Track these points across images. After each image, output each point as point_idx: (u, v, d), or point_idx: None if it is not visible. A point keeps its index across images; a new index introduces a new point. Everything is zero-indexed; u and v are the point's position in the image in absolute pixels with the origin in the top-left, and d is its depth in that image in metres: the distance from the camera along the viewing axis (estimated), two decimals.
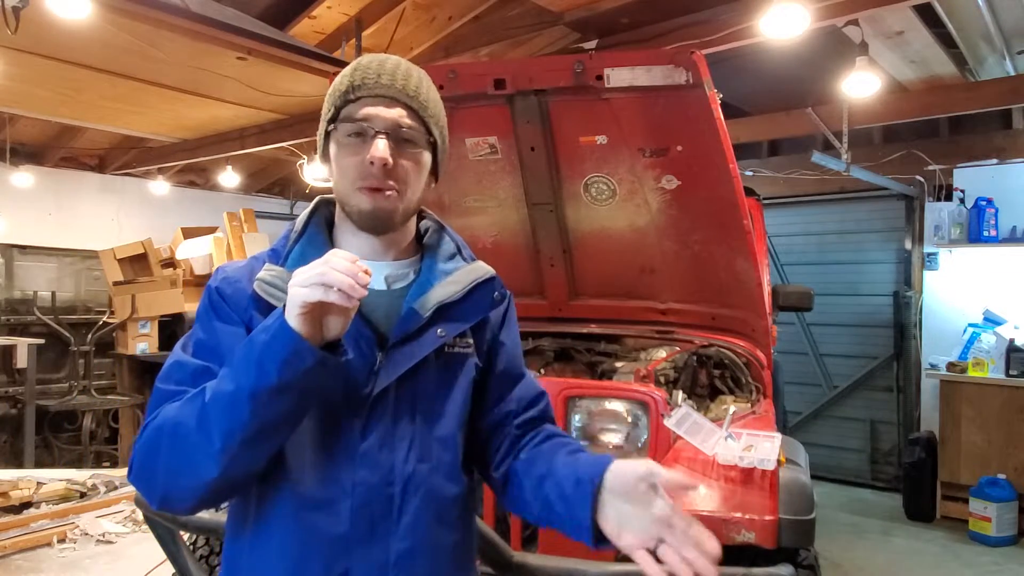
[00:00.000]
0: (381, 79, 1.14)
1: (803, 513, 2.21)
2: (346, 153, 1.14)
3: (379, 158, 1.10)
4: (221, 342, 1.11)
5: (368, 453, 1.10)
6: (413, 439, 1.13)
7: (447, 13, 4.52)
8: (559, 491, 1.12)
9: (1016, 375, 4.98)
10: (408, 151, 1.14)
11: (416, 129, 1.15)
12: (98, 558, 4.18)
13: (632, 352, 3.25)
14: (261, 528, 1.11)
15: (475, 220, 3.29)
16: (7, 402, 6.32)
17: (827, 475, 6.23)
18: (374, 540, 1.09)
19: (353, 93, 1.14)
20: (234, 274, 1.18)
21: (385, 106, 1.13)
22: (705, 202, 2.83)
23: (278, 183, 8.94)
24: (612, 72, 2.52)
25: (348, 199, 1.15)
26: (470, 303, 1.21)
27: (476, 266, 1.25)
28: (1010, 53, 4.84)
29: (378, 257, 1.20)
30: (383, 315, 1.17)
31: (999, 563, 4.52)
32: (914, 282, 5.92)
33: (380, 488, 1.10)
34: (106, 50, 4.07)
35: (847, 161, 5.15)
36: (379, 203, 1.13)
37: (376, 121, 1.12)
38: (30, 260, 6.97)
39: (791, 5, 3.40)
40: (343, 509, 1.08)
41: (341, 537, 1.08)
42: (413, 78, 1.17)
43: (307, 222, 1.21)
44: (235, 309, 1.14)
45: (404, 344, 1.14)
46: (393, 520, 1.10)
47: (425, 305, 1.16)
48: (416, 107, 1.15)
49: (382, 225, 1.16)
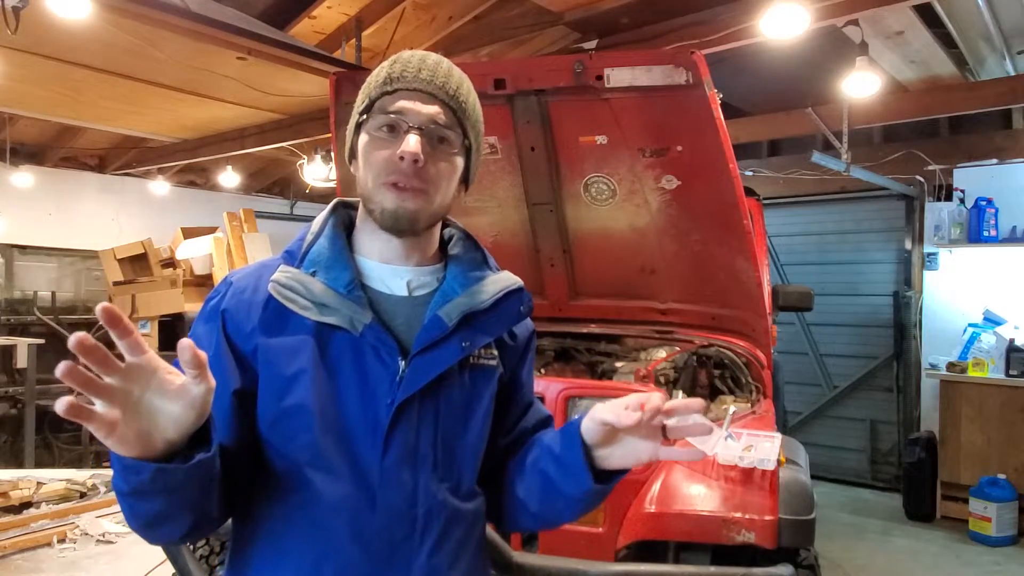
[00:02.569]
0: (421, 73, 1.08)
1: (803, 513, 2.21)
2: (376, 147, 1.07)
3: (410, 153, 1.04)
4: None
5: (390, 470, 1.04)
6: (437, 457, 1.08)
7: (447, 13, 4.52)
8: (552, 457, 1.11)
9: (1016, 375, 4.98)
10: (441, 151, 1.08)
11: (452, 129, 1.09)
12: (98, 558, 4.18)
13: (632, 352, 3.25)
14: (273, 545, 1.06)
15: (475, 220, 3.28)
16: (7, 402, 6.31)
17: (827, 475, 6.23)
18: (395, 562, 1.05)
19: (390, 85, 1.08)
20: (242, 283, 1.11)
21: (422, 101, 1.07)
22: (705, 202, 2.83)
23: (278, 183, 8.94)
24: (612, 72, 2.52)
25: (372, 195, 1.08)
26: (497, 314, 1.15)
27: (503, 275, 1.19)
28: (1010, 53, 4.83)
29: (400, 262, 1.14)
30: (404, 322, 1.10)
31: (999, 563, 4.52)
32: (914, 282, 5.92)
33: (403, 511, 1.05)
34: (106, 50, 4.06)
35: (847, 161, 5.14)
36: (404, 202, 1.06)
37: (410, 115, 1.06)
38: (30, 260, 6.97)
39: (791, 5, 3.40)
40: (365, 530, 1.03)
41: (361, 559, 1.04)
42: (455, 77, 1.11)
43: (325, 223, 1.15)
44: (234, 329, 1.08)
45: (427, 353, 1.08)
46: (416, 543, 1.06)
47: (451, 314, 1.10)
48: (455, 107, 1.09)
49: (404, 226, 1.08)
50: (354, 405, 1.05)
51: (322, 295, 1.07)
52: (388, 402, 1.05)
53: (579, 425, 1.07)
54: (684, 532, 2.27)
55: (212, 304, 1.11)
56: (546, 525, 1.23)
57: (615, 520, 2.37)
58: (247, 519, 1.08)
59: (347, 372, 1.06)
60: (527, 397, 1.26)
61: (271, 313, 1.07)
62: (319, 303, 1.06)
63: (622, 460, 1.05)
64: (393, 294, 1.13)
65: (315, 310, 1.06)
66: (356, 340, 1.06)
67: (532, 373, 1.29)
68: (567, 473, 1.08)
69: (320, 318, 1.06)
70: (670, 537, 2.31)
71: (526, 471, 1.16)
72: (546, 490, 1.13)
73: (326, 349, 1.06)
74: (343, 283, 1.08)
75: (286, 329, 1.06)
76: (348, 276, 1.09)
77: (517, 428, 1.23)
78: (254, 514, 1.07)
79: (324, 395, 1.04)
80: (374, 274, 1.13)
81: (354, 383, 1.05)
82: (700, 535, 2.25)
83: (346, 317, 1.06)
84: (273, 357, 1.05)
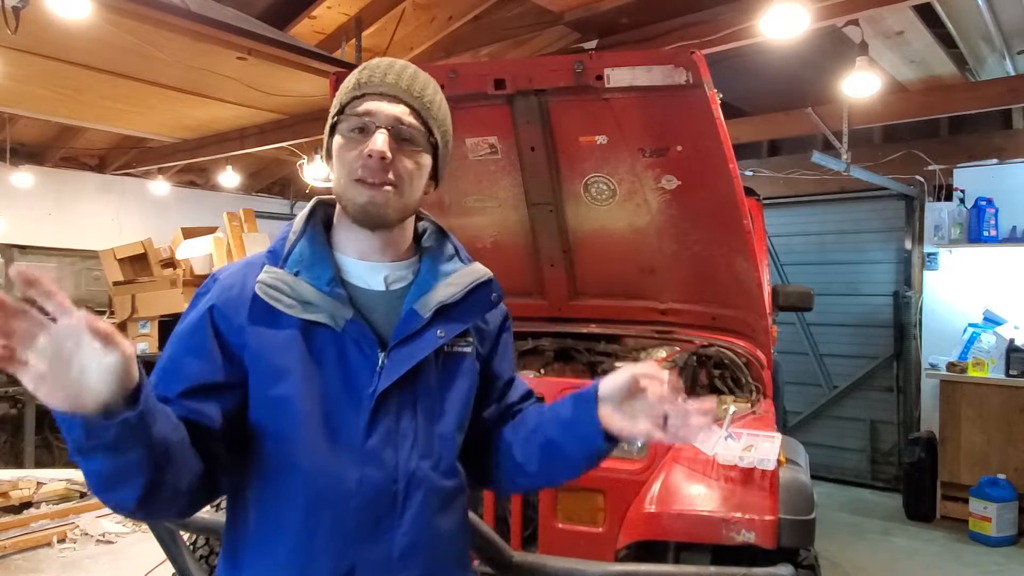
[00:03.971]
0: (387, 77, 1.16)
1: (803, 513, 2.21)
2: (347, 147, 1.15)
3: (377, 151, 1.11)
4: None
5: (373, 451, 1.12)
6: (416, 436, 1.16)
7: (447, 13, 4.52)
8: (558, 423, 1.20)
9: (1016, 375, 4.98)
10: (408, 149, 1.16)
11: (417, 128, 1.17)
12: (98, 558, 4.18)
13: (632, 352, 3.25)
14: (267, 525, 1.13)
15: (475, 220, 3.29)
16: (7, 402, 6.30)
17: (827, 475, 6.23)
18: (379, 535, 1.12)
19: (359, 90, 1.16)
20: (228, 280, 1.18)
21: (388, 103, 1.15)
22: (705, 202, 2.83)
23: (278, 183, 8.94)
24: (612, 72, 2.52)
25: (345, 192, 1.16)
26: (469, 304, 1.23)
27: (474, 268, 1.27)
28: (1010, 53, 4.84)
29: (376, 257, 1.21)
30: (382, 315, 1.18)
31: (999, 563, 4.52)
32: (914, 282, 5.92)
33: (385, 485, 1.12)
34: (106, 50, 4.07)
35: (847, 161, 5.15)
36: (373, 197, 1.14)
37: (377, 116, 1.14)
38: (30, 260, 6.96)
39: (791, 5, 3.40)
40: (350, 506, 1.11)
41: (348, 533, 1.11)
42: (420, 80, 1.20)
43: (305, 223, 1.22)
44: (224, 325, 1.13)
45: (405, 344, 1.16)
46: (397, 515, 1.13)
47: (426, 306, 1.18)
48: (419, 107, 1.17)
49: (375, 220, 1.16)
50: (339, 395, 1.12)
51: (306, 294, 1.14)
52: (370, 391, 1.13)
53: (596, 388, 1.16)
54: (684, 532, 2.27)
55: (202, 299, 1.17)
56: (543, 485, 1.36)
57: (615, 520, 2.37)
58: (238, 502, 1.16)
59: (331, 365, 1.13)
60: (508, 374, 1.35)
61: (259, 310, 1.14)
62: (303, 301, 1.14)
63: (620, 427, 1.12)
64: (371, 289, 1.20)
65: (299, 308, 1.13)
66: (338, 335, 1.14)
67: (510, 353, 1.38)
68: (576, 433, 1.17)
69: (304, 315, 1.13)
70: (670, 537, 2.31)
71: (526, 436, 1.25)
72: (549, 453, 1.22)
73: (311, 344, 1.13)
74: (325, 281, 1.15)
75: (274, 324, 1.13)
76: (329, 274, 1.16)
77: (503, 402, 1.33)
78: (246, 497, 1.14)
79: (310, 387, 1.11)
80: (353, 271, 1.21)
81: (338, 375, 1.13)
82: (700, 535, 2.25)
83: (328, 314, 1.13)
84: (263, 350, 1.12)
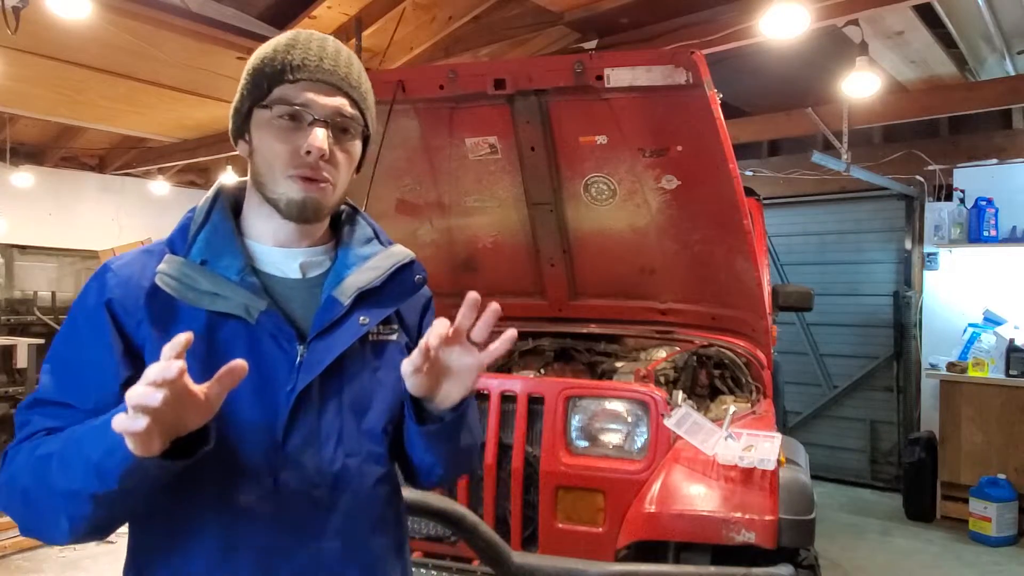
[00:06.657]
0: (323, 63, 1.08)
1: (803, 513, 2.21)
2: (277, 138, 1.06)
3: (318, 148, 1.04)
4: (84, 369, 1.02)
5: (291, 455, 1.04)
6: (341, 434, 1.08)
7: (447, 13, 4.52)
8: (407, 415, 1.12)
9: (1016, 375, 4.98)
10: (343, 141, 1.09)
11: (355, 120, 1.10)
12: (98, 558, 4.18)
13: (632, 352, 3.25)
14: (179, 540, 1.03)
15: (475, 220, 3.29)
16: (7, 402, 6.30)
17: (827, 475, 6.23)
18: (303, 544, 1.04)
19: (292, 74, 1.06)
20: (124, 271, 1.07)
21: (327, 94, 1.07)
22: (705, 202, 2.83)
23: None
24: (612, 72, 2.52)
25: (274, 186, 1.07)
26: (391, 288, 1.16)
27: (395, 250, 1.20)
28: (1010, 53, 4.84)
29: (293, 244, 1.13)
30: (300, 306, 1.10)
31: (999, 563, 4.52)
32: (914, 282, 5.92)
33: (304, 492, 1.04)
34: (106, 50, 4.07)
35: (847, 161, 5.15)
36: (312, 193, 1.07)
37: (317, 108, 1.06)
38: (30, 260, 6.96)
39: (791, 5, 3.40)
40: (268, 516, 1.02)
41: (269, 544, 1.03)
42: (355, 66, 1.12)
43: (210, 209, 1.13)
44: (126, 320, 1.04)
45: (326, 335, 1.07)
46: (320, 522, 1.05)
47: (345, 292, 1.10)
48: (356, 97, 1.11)
49: (310, 216, 1.09)
50: (249, 397, 1.02)
51: (213, 284, 1.04)
52: (288, 389, 1.04)
53: None
54: (684, 532, 2.27)
55: (93, 296, 1.06)
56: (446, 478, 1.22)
57: (615, 520, 2.37)
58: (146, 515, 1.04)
59: None
60: None
61: (160, 305, 1.04)
62: (210, 292, 1.04)
63: (460, 388, 1.05)
64: (287, 277, 1.12)
65: (207, 299, 1.04)
66: (251, 328, 1.04)
67: None
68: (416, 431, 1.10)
69: (214, 307, 1.04)
70: (670, 537, 2.31)
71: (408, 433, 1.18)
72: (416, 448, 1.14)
73: (217, 339, 1.03)
74: (235, 270, 1.06)
75: (175, 320, 1.03)
76: (240, 262, 1.07)
77: None
78: (155, 509, 1.02)
79: None
80: (266, 258, 1.12)
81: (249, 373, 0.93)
82: (700, 535, 2.25)
83: (240, 305, 1.04)
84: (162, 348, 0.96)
